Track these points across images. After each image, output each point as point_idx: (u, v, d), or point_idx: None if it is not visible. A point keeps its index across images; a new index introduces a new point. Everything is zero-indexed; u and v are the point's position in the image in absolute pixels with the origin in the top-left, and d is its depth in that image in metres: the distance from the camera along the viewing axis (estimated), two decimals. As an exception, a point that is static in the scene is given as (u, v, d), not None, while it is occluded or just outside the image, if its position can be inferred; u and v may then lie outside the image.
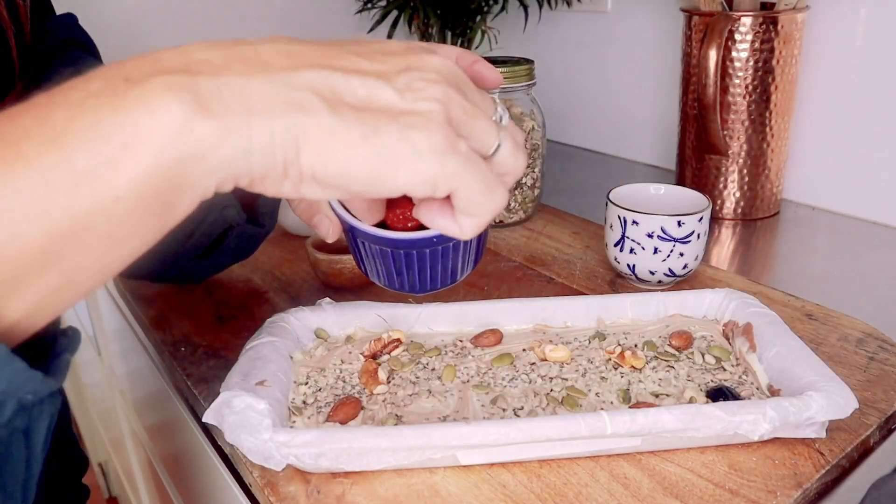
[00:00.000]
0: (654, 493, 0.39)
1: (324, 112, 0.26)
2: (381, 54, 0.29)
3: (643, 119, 1.03)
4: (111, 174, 0.23)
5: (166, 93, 0.23)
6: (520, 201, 0.77)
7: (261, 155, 0.26)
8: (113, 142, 0.23)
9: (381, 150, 0.27)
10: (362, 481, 0.40)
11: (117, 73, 0.24)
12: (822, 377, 0.42)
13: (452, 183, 0.28)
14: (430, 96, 0.28)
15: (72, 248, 0.23)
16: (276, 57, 0.27)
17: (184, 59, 0.25)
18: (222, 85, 0.25)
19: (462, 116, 0.29)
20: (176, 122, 0.23)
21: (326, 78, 0.27)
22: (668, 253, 0.59)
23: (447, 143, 0.28)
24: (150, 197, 0.24)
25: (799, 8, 0.74)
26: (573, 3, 1.05)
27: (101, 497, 1.64)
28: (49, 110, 0.23)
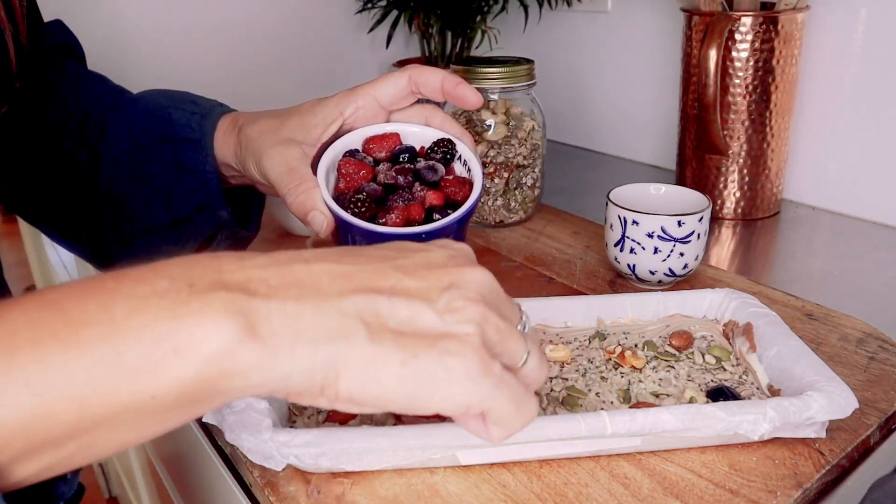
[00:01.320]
0: (654, 493, 0.39)
1: (365, 340, 0.27)
2: (424, 269, 0.30)
3: (643, 119, 1.03)
4: (155, 376, 0.24)
5: (223, 312, 0.25)
6: (520, 201, 0.77)
7: (300, 377, 0.27)
8: (165, 347, 0.24)
9: (418, 376, 0.28)
10: (362, 481, 0.40)
11: (183, 276, 0.26)
12: (823, 377, 0.42)
13: (485, 406, 0.29)
14: (469, 318, 0.29)
15: (99, 430, 0.24)
16: (327, 280, 0.28)
17: (244, 276, 0.27)
18: (274, 310, 0.26)
19: (496, 337, 0.30)
20: (225, 342, 0.25)
21: (372, 303, 0.28)
22: (668, 253, 0.59)
23: (482, 368, 0.29)
24: (184, 400, 0.25)
25: (799, 8, 0.74)
26: (573, 3, 1.05)
27: (101, 497, 1.64)
28: (113, 299, 0.24)
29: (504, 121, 0.74)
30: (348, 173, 0.50)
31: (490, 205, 0.76)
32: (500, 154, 0.74)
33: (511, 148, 0.74)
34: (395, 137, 0.53)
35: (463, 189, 0.50)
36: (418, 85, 0.52)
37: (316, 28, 1.19)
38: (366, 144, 0.53)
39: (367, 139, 0.53)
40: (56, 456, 0.24)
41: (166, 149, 0.56)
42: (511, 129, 0.74)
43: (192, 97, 0.59)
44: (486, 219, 0.77)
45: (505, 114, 0.74)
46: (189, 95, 0.59)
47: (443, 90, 0.52)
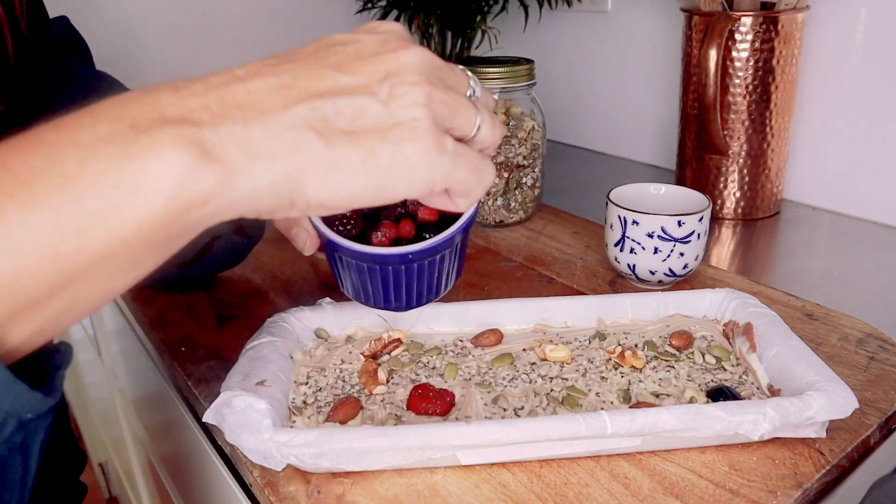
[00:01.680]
0: (654, 493, 0.39)
1: (320, 146, 0.28)
2: (359, 61, 0.30)
3: (643, 119, 1.03)
4: (120, 218, 0.24)
5: (174, 145, 0.25)
6: (520, 201, 0.77)
7: (266, 195, 0.27)
8: (124, 189, 0.24)
9: (379, 169, 0.29)
10: (362, 481, 0.40)
11: (123, 117, 0.25)
12: (823, 377, 0.42)
13: (447, 182, 0.31)
14: (413, 101, 0.30)
15: (78, 282, 0.24)
16: (267, 95, 0.28)
17: (184, 107, 0.27)
18: (224, 135, 0.26)
19: (445, 112, 0.31)
20: (183, 172, 0.25)
21: (317, 109, 0.29)
22: (668, 253, 0.59)
23: (436, 148, 0.30)
24: (156, 237, 0.25)
25: (799, 8, 0.74)
26: (573, 3, 1.05)
27: (101, 497, 1.64)
28: (59, 150, 0.24)
29: (504, 121, 0.74)
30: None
31: (490, 205, 0.76)
32: (500, 154, 0.74)
33: (511, 148, 0.74)
34: None
35: None
36: None
37: (316, 28, 1.19)
38: None
39: None
40: (44, 315, 0.24)
41: None
42: (511, 129, 0.74)
43: None
44: (486, 219, 0.77)
45: (505, 114, 0.74)
46: None
47: None
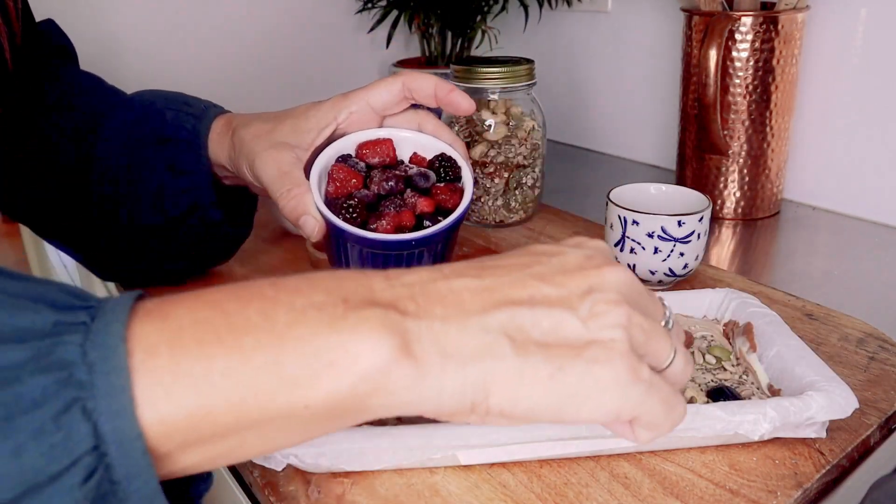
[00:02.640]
0: (654, 493, 0.39)
1: (511, 356, 0.27)
2: (562, 274, 0.30)
3: (643, 119, 1.03)
4: (311, 387, 0.25)
5: (379, 329, 0.26)
6: (520, 201, 0.77)
7: (450, 398, 0.27)
8: (323, 360, 0.25)
9: (567, 388, 0.28)
10: (362, 481, 0.40)
11: (337, 292, 0.27)
12: (823, 377, 0.42)
13: (635, 412, 0.29)
14: (613, 322, 0.29)
15: (250, 433, 0.25)
16: (469, 296, 0.28)
17: (392, 294, 0.27)
18: (424, 328, 0.27)
19: (641, 337, 0.29)
20: (381, 358, 0.25)
21: (515, 317, 0.28)
22: (668, 253, 0.59)
23: (631, 375, 0.28)
24: (333, 412, 0.26)
25: (799, 8, 0.74)
26: (573, 3, 1.05)
27: (101, 497, 1.64)
28: (274, 308, 0.26)
29: (504, 121, 0.74)
30: (340, 179, 0.50)
31: (490, 205, 0.76)
32: (500, 154, 0.74)
33: (511, 148, 0.74)
34: (388, 143, 0.53)
35: (454, 196, 0.50)
36: (411, 91, 0.52)
37: (315, 28, 1.19)
38: (359, 150, 0.53)
39: (360, 144, 0.53)
40: (208, 453, 0.25)
41: (159, 149, 0.56)
42: (511, 129, 0.74)
43: (185, 98, 0.59)
44: (486, 219, 0.77)
45: (505, 114, 0.74)
46: (182, 96, 0.59)
47: (436, 97, 0.52)
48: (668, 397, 0.30)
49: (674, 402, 0.30)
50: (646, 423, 0.30)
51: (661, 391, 0.29)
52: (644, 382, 0.29)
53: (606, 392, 0.28)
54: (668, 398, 0.30)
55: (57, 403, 0.22)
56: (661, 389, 0.29)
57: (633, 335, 0.29)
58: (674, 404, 0.30)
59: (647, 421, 0.30)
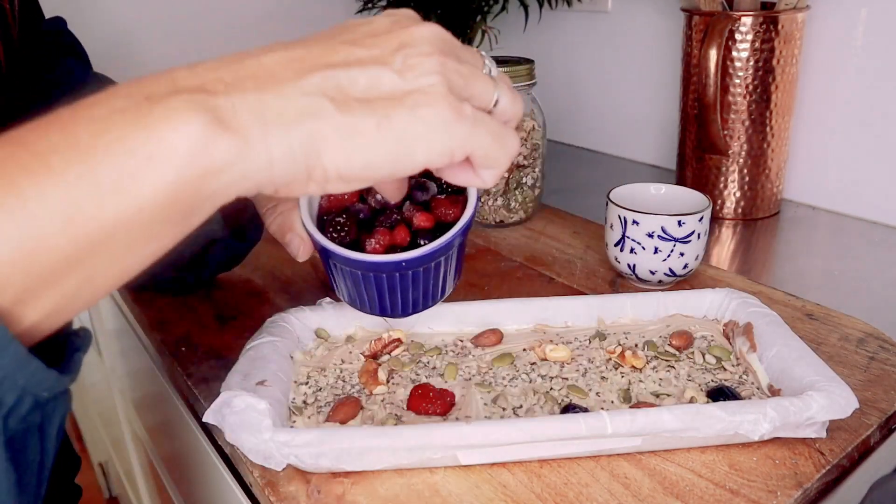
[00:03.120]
0: (654, 493, 0.39)
1: (335, 113, 0.28)
2: (371, 37, 0.31)
3: (643, 119, 1.03)
4: (136, 186, 0.24)
5: (187, 111, 0.25)
6: (520, 201, 0.77)
7: (282, 164, 0.27)
8: (138, 156, 0.24)
9: (396, 134, 0.28)
10: (362, 481, 0.40)
11: (138, 92, 0.26)
12: (823, 377, 0.42)
13: (467, 147, 0.30)
14: (429, 70, 0.30)
15: (94, 254, 0.24)
16: (280, 67, 0.28)
17: (198, 79, 0.27)
18: (237, 102, 0.26)
19: (460, 81, 0.31)
20: (197, 138, 0.25)
21: (330, 77, 0.28)
22: (668, 253, 0.59)
23: (453, 113, 0.29)
24: (171, 207, 0.25)
25: (799, 8, 0.74)
26: (573, 3, 1.05)
27: (101, 497, 1.64)
28: (74, 124, 0.24)
29: (504, 121, 0.74)
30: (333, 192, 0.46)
31: (490, 205, 0.76)
32: (500, 154, 0.74)
33: (511, 148, 0.74)
34: None
35: (454, 209, 0.44)
36: None
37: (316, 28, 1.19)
38: None
39: None
40: (61, 292, 0.24)
41: None
42: (511, 129, 0.74)
43: None
44: (486, 219, 0.77)
45: (505, 114, 0.74)
46: None
47: None
48: (496, 130, 0.31)
49: (503, 133, 0.32)
50: (482, 158, 0.31)
51: (487, 125, 0.31)
52: (468, 118, 0.30)
53: (434, 132, 0.29)
54: (496, 131, 0.31)
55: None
56: (487, 123, 0.31)
57: (450, 79, 0.30)
58: (504, 136, 0.32)
59: (482, 156, 0.31)
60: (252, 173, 0.27)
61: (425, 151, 0.29)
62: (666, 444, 0.42)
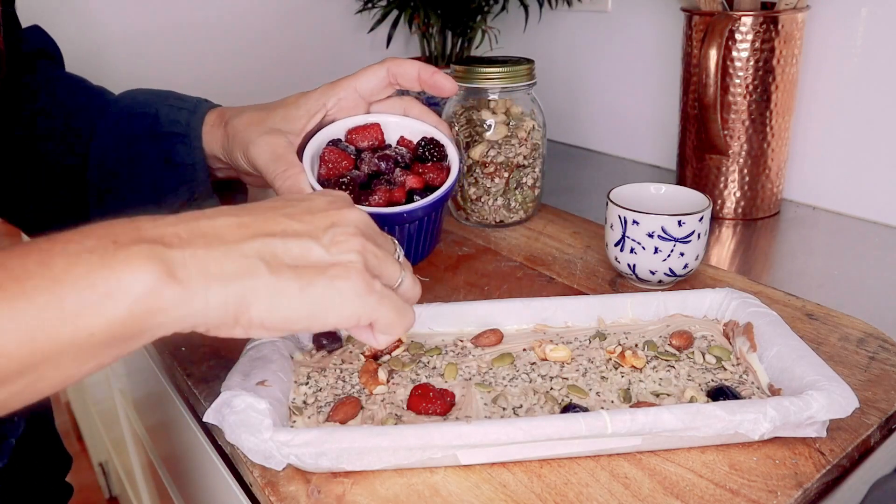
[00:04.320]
0: (654, 493, 0.39)
1: (267, 274, 0.33)
2: (309, 214, 0.36)
3: (643, 119, 1.03)
4: (93, 316, 0.29)
5: (145, 260, 0.30)
6: (520, 201, 0.77)
7: (215, 312, 0.32)
8: (99, 291, 0.29)
9: (315, 299, 0.34)
10: (363, 481, 0.40)
11: (107, 235, 0.30)
12: (823, 377, 0.42)
13: (373, 316, 0.36)
14: (350, 248, 0.36)
15: (44, 366, 0.29)
16: (228, 230, 0.34)
17: (158, 232, 0.32)
18: (188, 256, 0.31)
19: (374, 261, 0.37)
20: (149, 284, 0.30)
21: (268, 244, 0.34)
22: (668, 253, 0.59)
23: (365, 287, 0.35)
24: (117, 336, 0.30)
25: (799, 8, 0.74)
26: (573, 3, 1.05)
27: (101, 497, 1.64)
28: (51, 257, 0.29)
29: (504, 121, 0.74)
30: (331, 160, 0.54)
31: (490, 205, 0.76)
32: (500, 154, 0.74)
33: (511, 148, 0.74)
34: (376, 127, 0.58)
35: (441, 174, 0.56)
36: (396, 76, 0.56)
37: (315, 28, 1.19)
38: (348, 134, 0.57)
39: (349, 129, 0.57)
40: (8, 391, 0.28)
41: (154, 144, 0.57)
42: (511, 129, 0.74)
43: (177, 94, 0.60)
44: (486, 219, 0.77)
45: (505, 114, 0.74)
46: (173, 93, 0.60)
47: (420, 80, 0.57)
48: (398, 306, 0.37)
49: (404, 310, 0.38)
50: (382, 326, 0.37)
51: (392, 301, 0.37)
52: (376, 293, 0.36)
53: (347, 301, 0.35)
54: (398, 307, 0.37)
55: None
56: (392, 299, 0.37)
57: (367, 259, 0.36)
58: (404, 312, 0.38)
59: (383, 324, 0.37)
60: (189, 316, 0.31)
61: (336, 316, 0.35)
62: (666, 443, 0.42)
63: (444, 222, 0.80)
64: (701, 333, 0.52)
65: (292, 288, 0.33)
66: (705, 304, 0.54)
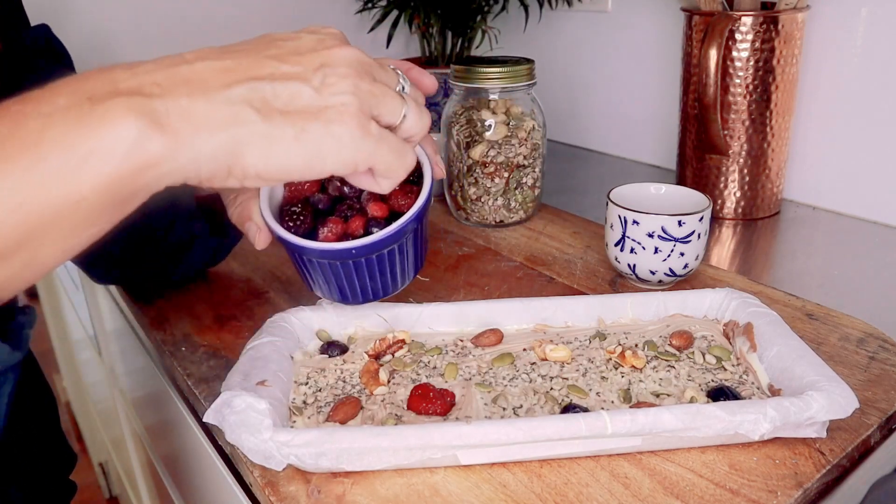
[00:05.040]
0: (654, 493, 0.39)
1: (258, 121, 0.31)
2: (297, 55, 0.34)
3: (643, 119, 1.03)
4: (78, 177, 0.27)
5: (126, 114, 0.28)
6: (520, 201, 0.77)
7: (207, 162, 0.30)
8: (81, 151, 0.27)
9: (311, 145, 0.32)
10: (363, 481, 0.40)
11: (80, 90, 0.28)
12: (823, 377, 0.42)
13: (370, 161, 0.34)
14: (343, 90, 0.34)
15: (39, 237, 0.27)
16: (211, 75, 0.31)
17: (136, 82, 0.30)
18: (171, 106, 0.29)
19: (371, 100, 0.35)
20: (134, 138, 0.28)
21: (255, 89, 0.32)
22: (668, 252, 0.59)
23: (361, 130, 0.33)
24: (109, 197, 0.28)
25: (799, 7, 0.74)
26: (573, 3, 1.05)
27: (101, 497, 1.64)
28: (24, 118, 0.27)
29: (504, 121, 0.74)
30: (293, 184, 0.48)
31: (490, 205, 0.76)
32: (500, 154, 0.74)
33: (511, 148, 0.74)
34: None
35: (409, 199, 0.46)
36: None
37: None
38: None
39: None
40: (9, 269, 0.27)
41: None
42: (511, 129, 0.74)
43: None
44: (486, 219, 0.77)
45: (505, 113, 0.74)
46: None
47: None
48: (397, 147, 0.36)
49: (403, 150, 0.36)
50: (382, 170, 0.35)
51: (390, 142, 0.35)
52: (373, 136, 0.34)
53: (343, 146, 0.33)
54: (397, 147, 0.36)
55: None
56: (390, 141, 0.35)
57: (361, 99, 0.34)
58: (404, 152, 0.36)
59: (383, 168, 0.35)
60: (180, 168, 0.30)
61: (333, 161, 0.33)
62: (666, 443, 0.42)
63: (444, 222, 0.80)
64: (701, 333, 0.52)
65: (287, 135, 0.32)
66: (705, 304, 0.54)
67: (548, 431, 0.39)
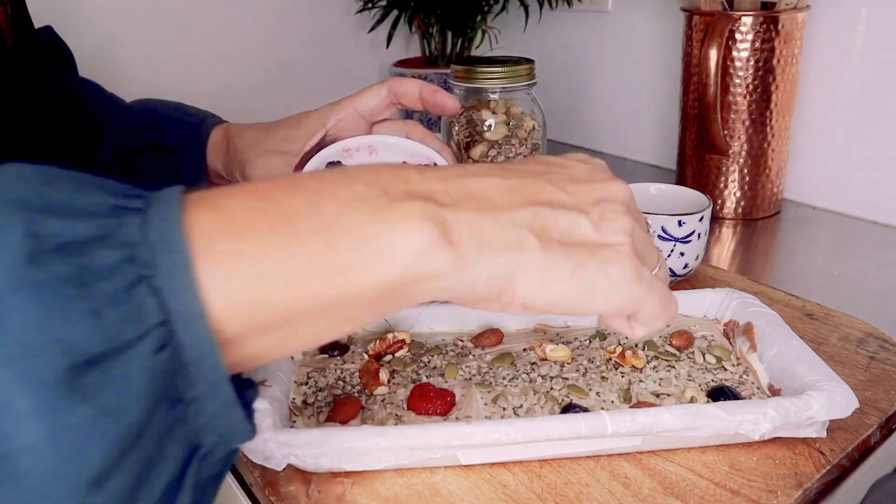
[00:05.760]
0: (654, 493, 0.39)
1: (538, 250, 0.30)
2: (574, 183, 0.33)
3: (643, 119, 1.03)
4: (363, 272, 0.26)
5: (423, 219, 0.27)
6: (520, 201, 0.77)
7: (483, 283, 0.29)
8: (372, 246, 0.26)
9: (584, 282, 0.31)
10: (363, 481, 0.40)
11: (377, 183, 0.28)
12: (823, 377, 0.42)
13: (638, 306, 0.33)
14: (620, 229, 0.32)
15: (303, 320, 0.26)
16: (498, 194, 0.30)
17: (428, 188, 0.29)
18: (462, 219, 0.28)
19: (641, 245, 0.33)
20: (426, 245, 0.27)
21: (539, 215, 0.31)
22: (668, 252, 0.59)
23: (635, 275, 0.32)
24: (381, 299, 0.27)
25: (800, 7, 0.74)
26: (573, 3, 1.05)
27: (101, 497, 1.63)
28: (320, 198, 0.26)
29: (504, 120, 0.74)
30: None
31: (490, 205, 0.76)
32: (500, 154, 0.74)
33: (511, 148, 0.74)
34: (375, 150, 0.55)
35: None
36: (397, 96, 0.55)
37: (315, 28, 1.19)
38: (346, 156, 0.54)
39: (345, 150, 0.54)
40: (261, 344, 0.26)
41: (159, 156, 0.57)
42: (511, 129, 0.74)
43: (184, 107, 0.61)
44: (486, 219, 0.77)
45: (505, 113, 0.74)
46: (182, 106, 0.61)
47: (421, 99, 0.55)
48: (664, 295, 0.34)
49: (670, 300, 0.34)
50: (644, 317, 0.33)
51: (659, 290, 0.33)
52: (645, 282, 0.32)
53: (615, 288, 0.31)
54: (664, 296, 0.34)
55: (126, 277, 0.21)
56: (659, 288, 0.33)
57: (635, 242, 0.32)
58: (670, 302, 0.34)
59: (646, 316, 0.33)
60: (458, 286, 0.28)
61: (604, 302, 0.31)
62: (666, 443, 0.42)
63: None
64: (701, 333, 0.52)
65: (565, 268, 0.30)
66: (705, 304, 0.54)
67: (548, 431, 0.39)
